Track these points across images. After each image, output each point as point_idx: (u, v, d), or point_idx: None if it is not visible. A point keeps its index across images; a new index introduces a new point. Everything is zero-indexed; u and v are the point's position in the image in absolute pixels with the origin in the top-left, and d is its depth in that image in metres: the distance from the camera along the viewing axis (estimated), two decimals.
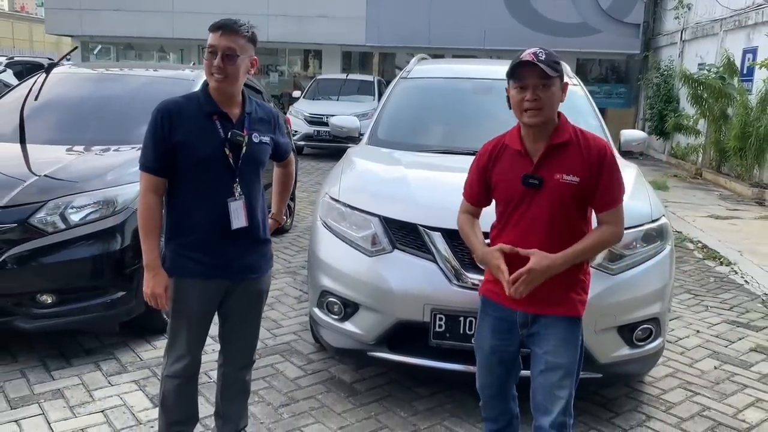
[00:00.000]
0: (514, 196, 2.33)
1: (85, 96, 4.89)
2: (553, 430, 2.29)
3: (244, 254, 2.52)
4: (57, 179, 3.72)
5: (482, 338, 2.48)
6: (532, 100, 2.22)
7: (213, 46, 2.37)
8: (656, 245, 3.23)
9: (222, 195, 2.43)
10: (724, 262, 6.30)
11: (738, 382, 3.75)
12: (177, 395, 2.61)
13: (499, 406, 2.57)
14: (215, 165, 2.41)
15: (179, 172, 2.41)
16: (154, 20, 18.79)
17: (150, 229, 2.43)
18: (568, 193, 2.25)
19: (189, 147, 2.38)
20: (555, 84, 2.24)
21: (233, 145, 2.43)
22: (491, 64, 5.64)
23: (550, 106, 2.24)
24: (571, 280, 2.32)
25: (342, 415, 3.20)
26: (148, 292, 2.45)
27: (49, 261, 3.49)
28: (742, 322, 4.75)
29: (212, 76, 2.37)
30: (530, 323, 2.35)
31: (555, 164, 2.27)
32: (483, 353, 2.50)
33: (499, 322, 2.41)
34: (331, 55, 20.19)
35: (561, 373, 2.29)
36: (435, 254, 3.05)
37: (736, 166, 11.18)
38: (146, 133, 2.42)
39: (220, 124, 2.43)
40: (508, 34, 16.97)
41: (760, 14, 11.34)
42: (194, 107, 2.43)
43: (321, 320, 3.35)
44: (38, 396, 3.27)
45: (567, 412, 2.31)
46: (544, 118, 2.25)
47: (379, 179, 3.64)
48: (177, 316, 2.52)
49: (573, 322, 2.33)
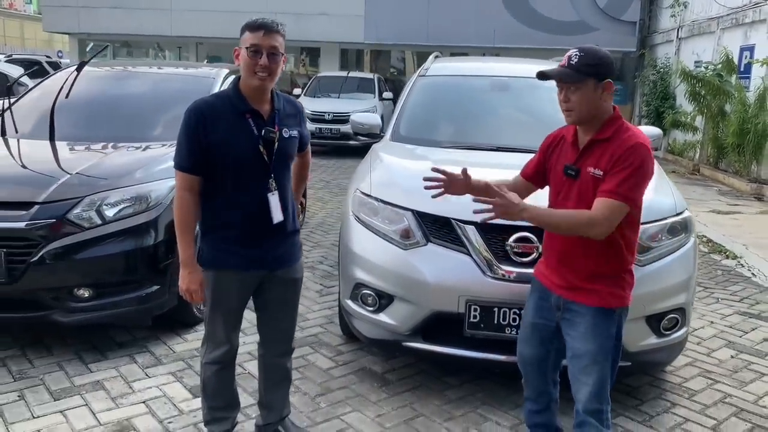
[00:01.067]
0: (558, 184, 2.47)
1: (110, 94, 4.96)
2: (585, 415, 2.40)
3: (278, 245, 2.62)
4: (90, 176, 3.78)
5: (526, 314, 2.66)
6: (564, 101, 2.35)
7: (256, 45, 2.42)
8: (681, 238, 3.33)
9: (258, 190, 2.52)
10: (729, 256, 6.44)
11: (755, 370, 3.87)
12: (217, 381, 2.71)
13: (537, 385, 2.69)
14: (250, 162, 2.49)
15: (215, 170, 2.48)
16: (152, 18, 18.78)
17: (186, 227, 2.50)
18: (592, 186, 2.33)
19: (224, 146, 2.45)
20: (586, 85, 2.30)
21: (266, 141, 2.51)
22: (507, 62, 5.74)
23: (580, 106, 2.32)
24: (604, 272, 2.40)
25: (378, 404, 3.29)
26: (183, 287, 2.53)
27: (85, 256, 3.55)
28: (753, 313, 4.87)
29: (255, 74, 2.43)
30: (563, 308, 2.47)
31: (591, 158, 2.36)
32: (525, 327, 2.67)
33: (540, 300, 2.56)
34: (330, 53, 20.24)
35: (587, 360, 2.39)
36: (468, 247, 3.14)
37: (734, 162, 11.34)
38: (180, 133, 2.49)
39: (253, 122, 2.50)
40: (506, 32, 17.11)
41: (757, 12, 11.50)
42: (227, 106, 2.50)
43: (355, 312, 3.44)
44: (79, 387, 3.34)
45: (600, 399, 2.40)
46: (577, 117, 2.35)
47: (409, 174, 3.72)
48: (216, 306, 2.61)
49: (602, 312, 2.40)
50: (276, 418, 2.88)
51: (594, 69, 2.31)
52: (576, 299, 2.42)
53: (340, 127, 13.04)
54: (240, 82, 2.52)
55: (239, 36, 2.47)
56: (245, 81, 2.48)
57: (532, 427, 2.80)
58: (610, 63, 2.37)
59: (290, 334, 2.84)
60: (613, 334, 2.43)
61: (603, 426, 2.42)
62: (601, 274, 2.40)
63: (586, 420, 2.42)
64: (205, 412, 2.78)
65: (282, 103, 2.61)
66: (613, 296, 2.41)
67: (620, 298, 2.43)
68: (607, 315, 2.41)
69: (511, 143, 4.10)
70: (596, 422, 2.41)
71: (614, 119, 2.37)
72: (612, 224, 2.27)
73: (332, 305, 4.60)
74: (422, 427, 3.10)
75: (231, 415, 2.81)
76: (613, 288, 2.41)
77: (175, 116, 4.74)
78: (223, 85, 5.07)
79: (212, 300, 2.59)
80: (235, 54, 2.50)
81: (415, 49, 20.09)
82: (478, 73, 4.98)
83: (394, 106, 16.33)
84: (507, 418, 3.21)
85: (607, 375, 2.43)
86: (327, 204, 8.33)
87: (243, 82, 2.50)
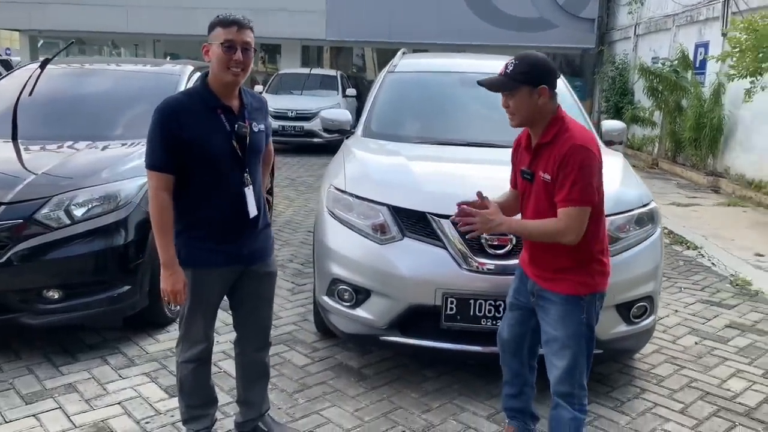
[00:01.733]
0: (521, 187, 2.60)
1: (74, 92, 4.86)
2: (556, 397, 2.51)
3: (254, 240, 2.63)
4: (57, 176, 3.71)
5: (509, 296, 2.77)
6: (504, 106, 2.48)
7: (231, 41, 2.41)
8: (648, 228, 3.43)
9: (232, 185, 2.52)
10: (690, 247, 6.63)
11: (718, 355, 4.01)
12: (194, 379, 2.70)
13: (513, 366, 2.79)
14: (225, 157, 2.49)
15: (189, 168, 2.46)
16: (107, 13, 18.30)
17: (166, 228, 2.47)
18: (544, 190, 2.44)
19: (199, 142, 2.44)
20: (521, 92, 2.40)
21: (239, 136, 2.51)
22: (474, 58, 5.81)
23: (520, 111, 2.43)
24: (569, 265, 2.47)
25: (356, 398, 3.31)
26: (167, 289, 2.49)
27: (54, 256, 3.48)
28: (714, 301, 5.04)
29: (229, 70, 2.42)
30: (537, 295, 2.57)
31: (541, 161, 2.47)
32: (507, 310, 2.79)
33: (521, 284, 2.69)
34: (291, 50, 20.09)
35: (557, 345, 2.49)
36: (444, 240, 3.18)
37: (691, 155, 11.66)
38: (151, 132, 2.44)
39: (224, 117, 2.50)
40: (468, 29, 17.24)
41: (710, 10, 11.83)
42: (197, 103, 2.48)
43: (331, 307, 3.44)
44: (51, 391, 3.28)
45: (571, 383, 2.48)
46: (518, 121, 2.48)
47: (383, 170, 3.75)
48: (194, 305, 2.58)
49: (571, 299, 2.48)
50: (256, 414, 2.87)
51: (527, 77, 2.39)
52: (547, 287, 2.52)
53: (304, 125, 12.97)
54: (209, 78, 2.50)
55: (207, 33, 2.47)
56: (218, 77, 2.46)
57: (508, 410, 2.89)
58: (546, 69, 2.44)
59: (268, 329, 2.85)
60: (582, 320, 2.49)
61: (574, 410, 2.49)
62: (567, 267, 2.48)
63: (559, 402, 2.52)
64: (183, 411, 2.76)
65: (249, 98, 2.62)
66: (581, 284, 2.48)
67: (589, 286, 2.49)
68: (576, 302, 2.48)
69: (481, 138, 4.17)
70: (567, 405, 2.49)
71: (556, 121, 2.44)
72: (579, 230, 2.37)
73: (305, 303, 4.60)
74: (401, 419, 3.13)
75: (209, 412, 2.80)
76: (582, 276, 2.48)
77: (141, 114, 4.71)
78: (189, 82, 5.01)
79: (191, 299, 2.57)
80: (204, 50, 2.47)
81: (378, 46, 20.10)
82: (446, 70, 5.03)
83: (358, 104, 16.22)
84: (483, 408, 3.26)
85: (577, 359, 2.49)
86: (294, 202, 8.30)
87: (214, 77, 2.48)
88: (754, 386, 3.61)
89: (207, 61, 2.48)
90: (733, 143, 10.67)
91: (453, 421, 3.14)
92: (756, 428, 3.18)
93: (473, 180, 3.57)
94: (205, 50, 2.47)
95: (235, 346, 2.86)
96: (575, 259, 2.47)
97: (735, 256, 6.24)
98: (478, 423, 3.13)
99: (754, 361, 3.95)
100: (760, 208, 8.75)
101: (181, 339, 2.68)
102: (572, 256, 2.46)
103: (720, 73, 10.32)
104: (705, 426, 3.18)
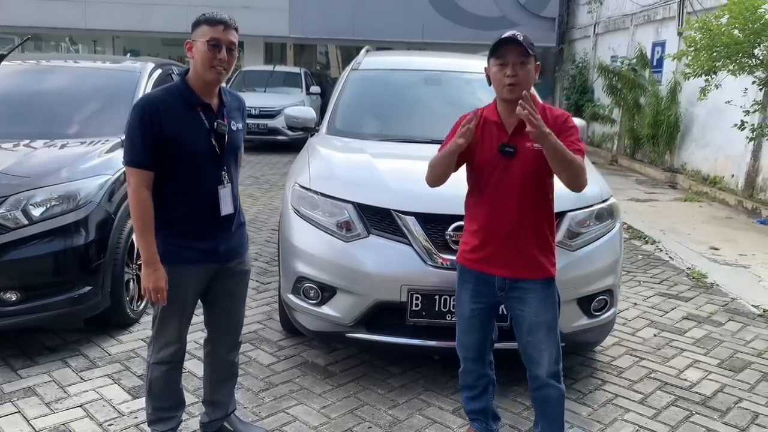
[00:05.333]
0: (490, 163, 2.55)
1: (31, 89, 4.73)
2: (548, 378, 2.62)
3: (230, 237, 2.64)
4: (13, 175, 3.62)
5: (462, 304, 2.72)
6: (511, 75, 2.45)
7: (217, 39, 2.42)
8: (607, 223, 3.50)
9: (210, 183, 2.53)
10: (648, 241, 6.79)
11: (676, 346, 4.12)
12: (165, 381, 2.67)
13: (477, 370, 2.81)
14: (203, 155, 2.50)
15: (168, 165, 2.45)
16: (65, 9, 17.87)
17: (147, 225, 2.45)
18: (538, 159, 2.46)
19: (179, 140, 2.44)
20: (531, 63, 2.48)
21: (218, 135, 2.52)
22: (437, 56, 5.84)
23: (526, 82, 2.47)
24: (544, 245, 2.58)
25: (322, 396, 3.31)
26: (150, 287, 2.46)
27: (11, 257, 3.40)
28: (672, 294, 5.17)
29: (213, 68, 2.42)
30: (508, 287, 2.60)
31: (527, 134, 2.44)
32: (463, 318, 2.73)
33: (476, 287, 2.66)
34: (253, 47, 19.89)
35: (545, 330, 2.58)
36: (409, 237, 3.21)
37: (649, 152, 11.92)
38: (130, 129, 2.43)
39: (204, 115, 2.51)
40: (431, 27, 17.36)
41: (667, 10, 12.11)
42: (177, 100, 2.48)
43: (297, 306, 3.44)
44: (9, 395, 3.21)
45: (557, 361, 2.62)
46: (519, 93, 2.44)
47: (348, 167, 3.75)
48: (171, 304, 2.54)
49: (548, 283, 2.60)
50: (222, 414, 2.86)
51: (534, 50, 2.49)
52: (524, 276, 2.57)
53: (268, 122, 12.87)
54: (190, 76, 2.51)
55: (192, 29, 2.47)
56: (200, 75, 2.46)
57: (470, 413, 2.91)
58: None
59: (239, 329, 2.84)
60: (557, 299, 2.64)
61: (560, 384, 2.64)
62: (541, 246, 2.57)
63: (546, 382, 2.62)
64: (150, 412, 2.72)
65: (228, 96, 2.63)
66: (552, 265, 2.61)
67: (554, 266, 2.63)
68: (552, 284, 2.61)
69: (445, 135, 4.18)
70: (555, 382, 2.63)
71: (535, 99, 2.53)
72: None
73: (270, 301, 4.58)
74: (367, 415, 3.15)
75: (176, 414, 2.77)
76: (551, 258, 2.61)
77: (101, 112, 4.67)
78: (150, 80, 4.94)
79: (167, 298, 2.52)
80: (188, 47, 2.48)
81: (341, 44, 20.06)
82: (410, 67, 5.05)
83: (322, 101, 16.09)
84: (449, 402, 3.30)
85: (558, 338, 2.63)
86: (258, 200, 8.25)
87: (196, 75, 2.48)
88: (710, 376, 3.72)
89: (189, 57, 2.48)
90: (689, 140, 10.95)
91: (419, 416, 3.17)
92: (712, 416, 3.28)
93: None
94: (188, 47, 2.48)
95: (204, 346, 2.83)
96: (546, 244, 2.58)
97: (691, 250, 6.42)
98: (444, 417, 3.16)
99: (710, 351, 4.07)
100: (715, 203, 9.01)
101: (153, 339, 2.64)
102: (544, 241, 2.58)
103: (676, 72, 10.57)
104: (664, 415, 3.27)
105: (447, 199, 3.24)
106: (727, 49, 7.21)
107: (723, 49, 7.25)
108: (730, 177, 9.52)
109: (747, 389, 3.57)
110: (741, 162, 9.21)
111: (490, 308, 2.71)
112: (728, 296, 5.15)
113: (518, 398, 3.36)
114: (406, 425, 3.08)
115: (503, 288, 2.61)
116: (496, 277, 2.60)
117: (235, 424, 2.89)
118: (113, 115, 4.50)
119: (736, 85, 8.07)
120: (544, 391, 2.66)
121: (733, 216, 8.22)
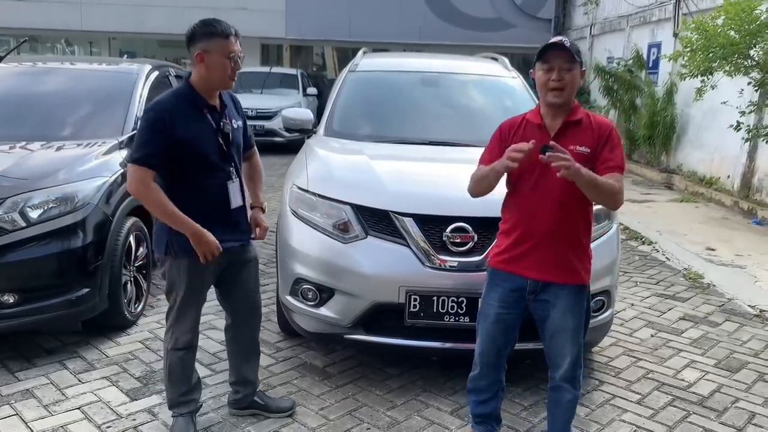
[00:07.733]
0: (532, 166, 2.51)
1: (25, 91, 4.72)
2: (563, 381, 2.64)
3: (241, 227, 2.85)
4: (11, 177, 3.61)
5: (488, 307, 2.70)
6: (557, 80, 2.48)
7: (235, 53, 2.61)
8: (604, 224, 3.51)
9: (220, 179, 2.70)
10: (645, 242, 6.81)
11: (673, 347, 4.13)
12: (183, 366, 2.85)
13: (492, 375, 2.80)
14: (213, 153, 2.67)
15: (181, 165, 2.61)
16: (61, 11, 17.85)
17: (171, 209, 2.58)
18: (580, 163, 2.40)
19: (192, 141, 2.60)
20: (576, 68, 2.51)
21: (224, 133, 2.70)
22: (434, 58, 5.85)
23: (571, 87, 2.51)
24: (579, 250, 2.58)
25: (321, 397, 3.31)
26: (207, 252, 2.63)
27: (9, 260, 3.39)
28: (668, 294, 5.19)
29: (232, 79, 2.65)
30: (539, 290, 2.59)
31: (570, 137, 2.52)
32: (487, 321, 2.71)
33: (507, 292, 2.64)
34: (250, 49, 19.88)
35: (568, 335, 2.59)
36: (407, 238, 3.21)
37: (645, 153, 11.95)
38: (143, 130, 2.59)
39: (210, 116, 2.68)
40: (427, 29, 17.40)
41: (663, 11, 12.14)
42: (186, 103, 2.64)
43: (295, 307, 3.44)
44: (7, 397, 3.20)
45: (576, 366, 2.63)
46: (566, 98, 2.51)
47: (346, 169, 3.76)
48: (189, 294, 2.74)
49: (579, 290, 2.60)
50: (252, 390, 3.08)
51: (580, 56, 2.52)
52: (556, 280, 2.56)
53: (265, 124, 12.86)
54: (195, 80, 2.64)
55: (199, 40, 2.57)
56: (216, 84, 2.64)
57: (476, 416, 2.89)
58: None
59: (259, 306, 3.05)
60: (585, 308, 2.64)
61: (575, 389, 2.66)
62: (577, 250, 2.57)
63: (562, 386, 2.65)
64: (171, 397, 2.89)
65: (226, 97, 2.80)
66: (586, 272, 2.61)
67: (589, 273, 2.63)
68: (582, 291, 2.61)
69: (442, 137, 4.21)
70: (571, 387, 2.65)
71: (578, 105, 2.58)
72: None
73: (268, 303, 4.56)
74: (366, 416, 3.15)
75: (195, 397, 2.95)
76: (586, 264, 2.61)
77: (98, 113, 4.65)
78: (147, 81, 4.94)
79: (186, 288, 2.72)
80: (199, 58, 2.58)
81: (338, 45, 20.04)
82: (407, 69, 5.06)
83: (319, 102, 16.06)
84: (447, 403, 3.30)
85: (582, 345, 2.64)
86: None
87: (206, 82, 2.62)
88: (707, 376, 3.74)
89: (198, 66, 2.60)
90: (685, 141, 10.98)
91: (417, 417, 3.17)
92: (708, 416, 3.29)
93: (435, 178, 3.64)
94: (199, 58, 2.58)
95: (226, 332, 3.04)
96: (581, 249, 2.59)
97: (688, 251, 6.44)
98: (443, 418, 3.16)
99: (707, 351, 4.09)
100: (711, 204, 9.03)
101: (171, 327, 2.81)
102: (579, 246, 2.58)
103: (672, 73, 10.60)
104: (661, 415, 3.28)
105: (445, 201, 3.27)
106: (723, 50, 7.23)
107: (719, 50, 7.26)
108: (726, 178, 9.54)
109: (744, 389, 3.59)
110: (737, 163, 9.24)
111: (516, 317, 2.68)
112: (725, 297, 5.17)
113: (516, 399, 3.36)
114: (405, 426, 3.08)
115: (534, 291, 2.59)
116: (527, 279, 2.58)
117: (265, 398, 3.10)
118: (110, 117, 4.52)
119: (731, 86, 8.10)
120: (557, 393, 2.69)
121: (729, 217, 8.24)
